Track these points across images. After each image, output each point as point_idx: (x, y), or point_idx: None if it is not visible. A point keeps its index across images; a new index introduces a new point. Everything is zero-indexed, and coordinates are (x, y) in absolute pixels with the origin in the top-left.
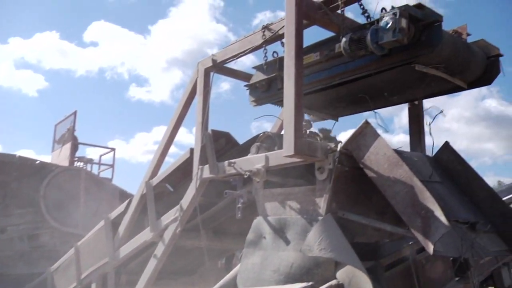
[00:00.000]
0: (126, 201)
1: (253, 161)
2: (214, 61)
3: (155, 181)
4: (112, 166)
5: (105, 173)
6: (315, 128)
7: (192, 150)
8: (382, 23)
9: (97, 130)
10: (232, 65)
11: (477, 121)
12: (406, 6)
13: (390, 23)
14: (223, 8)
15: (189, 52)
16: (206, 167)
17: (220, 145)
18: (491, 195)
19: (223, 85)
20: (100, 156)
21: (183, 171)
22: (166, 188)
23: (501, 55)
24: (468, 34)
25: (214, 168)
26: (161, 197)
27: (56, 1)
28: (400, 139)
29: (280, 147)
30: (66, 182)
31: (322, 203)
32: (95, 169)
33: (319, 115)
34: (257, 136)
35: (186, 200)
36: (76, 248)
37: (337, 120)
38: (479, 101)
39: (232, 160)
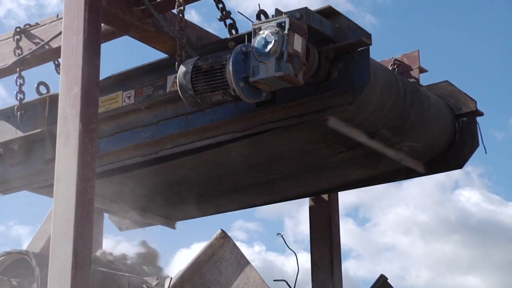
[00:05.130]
0: None
1: None
2: None
3: None
4: None
5: None
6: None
7: None
8: (257, 41)
9: None
10: None
11: (445, 232)
12: (304, 10)
13: (272, 42)
14: None
15: None
16: None
17: None
18: None
19: None
20: None
21: None
22: None
23: (481, 114)
24: (422, 70)
25: None
26: None
27: None
28: (303, 261)
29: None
30: None
31: None
32: None
33: (137, 217)
34: None
35: None
36: None
37: (174, 228)
38: (447, 193)
39: None
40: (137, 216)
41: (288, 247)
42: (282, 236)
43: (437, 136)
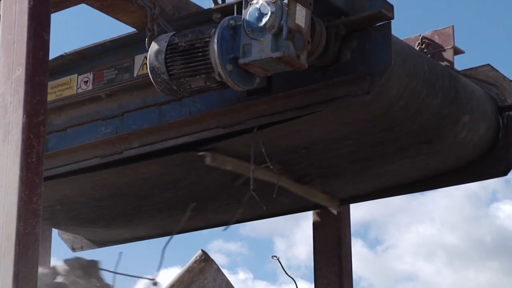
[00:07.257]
0: None
1: None
2: None
3: None
4: None
5: None
6: None
7: None
8: (249, 13)
9: None
10: None
11: (480, 257)
12: None
13: (268, 14)
14: None
15: None
16: None
17: None
18: None
19: None
20: None
21: None
22: None
23: None
24: (457, 51)
25: None
26: None
27: None
28: None
29: None
30: None
31: None
32: None
33: (89, 234)
34: None
35: None
36: None
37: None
38: (482, 208)
39: None
40: (91, 234)
41: (287, 273)
42: (278, 259)
43: (477, 134)
